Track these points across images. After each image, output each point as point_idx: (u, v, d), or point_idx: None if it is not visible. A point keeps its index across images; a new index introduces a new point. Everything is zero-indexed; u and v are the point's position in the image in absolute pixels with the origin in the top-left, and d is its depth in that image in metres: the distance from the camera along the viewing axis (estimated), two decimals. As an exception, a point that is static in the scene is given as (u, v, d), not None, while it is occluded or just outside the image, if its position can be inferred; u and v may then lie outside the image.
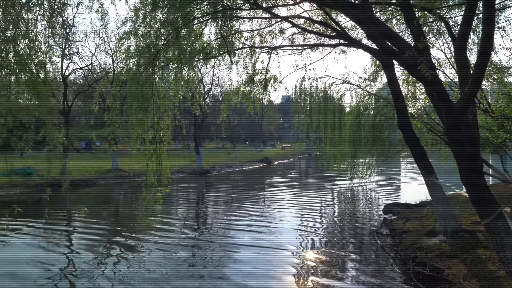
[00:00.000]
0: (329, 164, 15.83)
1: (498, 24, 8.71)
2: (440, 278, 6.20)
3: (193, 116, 30.41)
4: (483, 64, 4.50)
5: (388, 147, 15.34)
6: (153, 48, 6.51)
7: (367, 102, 14.21)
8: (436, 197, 8.22)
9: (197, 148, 31.56)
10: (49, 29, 4.85)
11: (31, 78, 4.42)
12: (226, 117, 10.33)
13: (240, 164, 37.52)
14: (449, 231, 7.80)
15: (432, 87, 5.65)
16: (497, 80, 11.07)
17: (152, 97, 6.85)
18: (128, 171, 26.29)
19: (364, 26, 6.32)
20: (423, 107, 13.05)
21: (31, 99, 4.80)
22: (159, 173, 7.20)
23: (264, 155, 46.63)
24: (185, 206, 16.51)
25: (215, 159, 38.12)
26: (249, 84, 9.60)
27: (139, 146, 7.21)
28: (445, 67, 12.36)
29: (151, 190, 7.20)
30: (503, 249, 4.90)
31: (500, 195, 10.62)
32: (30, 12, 4.66)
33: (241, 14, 7.86)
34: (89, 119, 51.15)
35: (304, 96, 13.37)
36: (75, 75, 36.72)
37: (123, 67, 7.87)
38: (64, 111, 24.53)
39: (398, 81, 9.34)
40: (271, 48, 9.19)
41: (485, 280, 5.67)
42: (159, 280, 7.06)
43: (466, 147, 5.12)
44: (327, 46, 9.92)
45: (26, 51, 4.42)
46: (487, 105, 11.54)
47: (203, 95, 28.25)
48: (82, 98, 40.29)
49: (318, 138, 16.01)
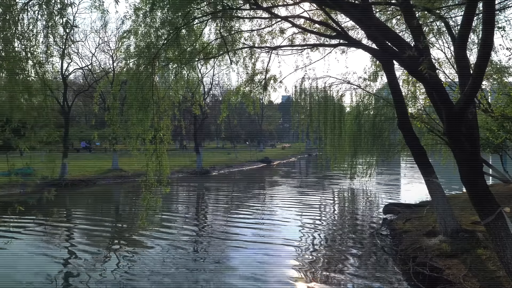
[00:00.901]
0: (329, 164, 15.84)
1: (498, 24, 8.71)
2: (440, 278, 6.20)
3: (193, 116, 30.39)
4: (483, 64, 4.50)
5: (388, 147, 15.35)
6: (153, 48, 6.51)
7: (367, 102, 14.23)
8: (436, 197, 8.22)
9: (197, 148, 31.56)
10: (48, 29, 4.85)
11: (28, 78, 4.42)
12: (226, 117, 10.32)
13: (240, 164, 37.51)
14: (449, 231, 7.80)
15: (432, 87, 5.65)
16: (497, 80, 11.07)
17: (152, 97, 6.85)
18: (128, 171, 26.30)
19: (364, 26, 6.31)
20: (423, 107, 13.04)
21: (30, 99, 4.80)
22: (159, 173, 7.19)
23: (264, 155, 46.64)
24: (185, 205, 16.50)
25: (215, 159, 38.13)
26: (249, 84, 9.60)
27: (140, 146, 7.21)
28: (445, 67, 12.35)
29: (151, 190, 7.20)
30: (503, 249, 4.90)
31: (500, 195, 10.62)
32: (30, 12, 4.66)
33: (241, 14, 7.86)
34: (89, 119, 51.21)
35: (304, 96, 13.38)
36: (75, 75, 36.80)
37: (123, 67, 7.88)
38: (64, 111, 24.52)
39: (398, 81, 9.34)
40: (271, 48, 9.18)
41: (485, 280, 5.67)
42: (159, 279, 7.06)
43: (466, 147, 5.12)
44: (327, 46, 9.92)
45: (24, 51, 4.42)
46: (487, 105, 11.53)
47: (203, 95, 28.26)
48: (82, 98, 40.32)
49: (318, 138, 16.01)
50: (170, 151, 8.31)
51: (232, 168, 34.74)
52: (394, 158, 17.58)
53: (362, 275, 7.18)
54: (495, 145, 12.71)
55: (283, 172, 32.87)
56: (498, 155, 14.01)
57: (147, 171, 7.14)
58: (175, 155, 34.28)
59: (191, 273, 7.47)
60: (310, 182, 25.83)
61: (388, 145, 15.28)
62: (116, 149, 27.22)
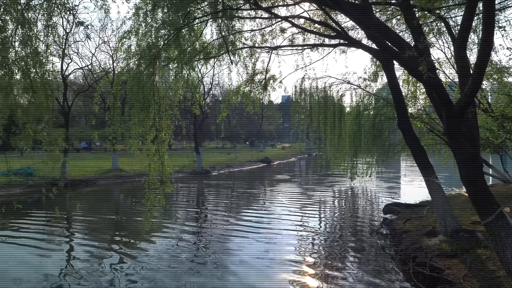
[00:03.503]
0: (329, 164, 15.84)
1: (498, 24, 8.72)
2: (440, 278, 6.20)
3: (193, 116, 30.39)
4: (483, 64, 4.51)
5: (388, 147, 15.36)
6: (154, 48, 6.51)
7: (367, 102, 14.24)
8: (436, 197, 8.22)
9: (197, 148, 31.57)
10: (49, 28, 4.85)
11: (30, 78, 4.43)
12: (226, 117, 10.33)
13: (240, 164, 37.53)
14: (449, 231, 7.80)
15: (432, 87, 5.65)
16: (497, 80, 11.07)
17: (153, 97, 6.85)
18: (128, 171, 26.32)
19: (364, 26, 6.32)
20: (423, 107, 13.05)
21: (31, 99, 4.81)
22: (161, 173, 7.20)
23: (264, 155, 46.66)
24: (185, 205, 16.50)
25: (215, 159, 38.14)
26: (249, 84, 9.60)
27: (141, 146, 7.22)
28: (445, 67, 12.36)
29: (153, 191, 7.20)
30: (503, 249, 4.90)
31: (500, 195, 10.62)
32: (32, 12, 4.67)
33: (241, 14, 7.86)
34: (89, 119, 51.21)
35: (304, 96, 13.39)
36: (75, 75, 36.79)
37: (124, 67, 7.88)
38: (64, 111, 24.52)
39: (398, 81, 9.34)
40: (271, 48, 9.19)
41: (485, 280, 5.67)
42: (160, 278, 7.07)
43: (466, 147, 5.12)
44: (327, 46, 9.92)
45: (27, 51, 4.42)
46: (487, 105, 11.54)
47: (203, 95, 28.25)
48: (82, 98, 40.30)
49: (318, 138, 16.02)
50: (169, 151, 8.34)
51: (232, 168, 34.75)
52: (394, 158, 17.59)
53: (362, 275, 7.18)
54: (495, 145, 12.73)
55: (283, 172, 32.87)
56: (498, 155, 14.02)
57: (149, 171, 7.15)
58: (175, 155, 34.28)
59: (192, 275, 7.47)
60: (310, 182, 25.83)
61: (388, 145, 15.30)
62: (116, 149, 27.24)
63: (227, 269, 7.71)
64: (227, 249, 9.22)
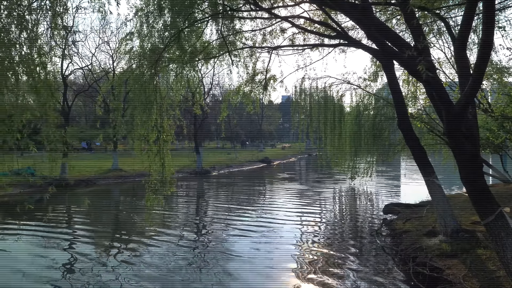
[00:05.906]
0: (329, 164, 15.83)
1: (498, 24, 8.72)
2: (440, 278, 6.21)
3: (193, 116, 30.41)
4: (483, 64, 4.51)
5: (388, 147, 15.35)
6: (156, 50, 6.52)
7: (367, 102, 14.24)
8: (436, 197, 8.22)
9: (197, 148, 31.57)
10: (50, 29, 4.86)
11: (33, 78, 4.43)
12: (226, 117, 10.34)
13: (240, 164, 37.53)
14: (449, 231, 7.81)
15: (432, 87, 5.66)
16: (497, 80, 11.08)
17: (156, 98, 6.86)
18: (128, 171, 26.32)
19: (364, 26, 6.32)
20: (423, 107, 13.06)
21: (34, 100, 4.81)
22: (163, 174, 7.20)
23: (264, 155, 46.66)
24: (186, 205, 16.50)
25: (215, 159, 38.13)
26: (250, 84, 9.61)
27: (144, 146, 7.22)
28: (445, 67, 12.37)
29: (155, 191, 7.20)
30: (503, 249, 4.90)
31: (500, 195, 10.62)
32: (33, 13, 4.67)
33: (242, 14, 7.87)
34: (89, 119, 51.18)
35: (304, 96, 13.41)
36: (75, 75, 36.77)
37: (127, 68, 7.89)
38: (64, 111, 24.54)
39: (398, 81, 9.35)
40: (271, 48, 9.20)
41: (485, 280, 5.68)
42: (160, 278, 7.07)
43: (466, 147, 5.13)
44: (327, 46, 9.94)
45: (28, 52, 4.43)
46: (487, 105, 11.55)
47: (203, 95, 28.25)
48: (82, 98, 40.31)
49: (318, 138, 16.03)
50: (171, 151, 8.34)
51: (232, 168, 34.75)
52: (394, 158, 17.58)
53: (362, 275, 7.18)
54: (495, 145, 12.72)
55: (283, 172, 32.86)
56: (498, 155, 14.01)
57: (150, 171, 7.15)
58: (175, 155, 34.24)
59: (192, 275, 7.47)
60: (310, 182, 25.83)
61: (388, 145, 15.29)
62: (119, 148, 27.26)
63: (227, 269, 7.71)
64: (227, 249, 9.22)
